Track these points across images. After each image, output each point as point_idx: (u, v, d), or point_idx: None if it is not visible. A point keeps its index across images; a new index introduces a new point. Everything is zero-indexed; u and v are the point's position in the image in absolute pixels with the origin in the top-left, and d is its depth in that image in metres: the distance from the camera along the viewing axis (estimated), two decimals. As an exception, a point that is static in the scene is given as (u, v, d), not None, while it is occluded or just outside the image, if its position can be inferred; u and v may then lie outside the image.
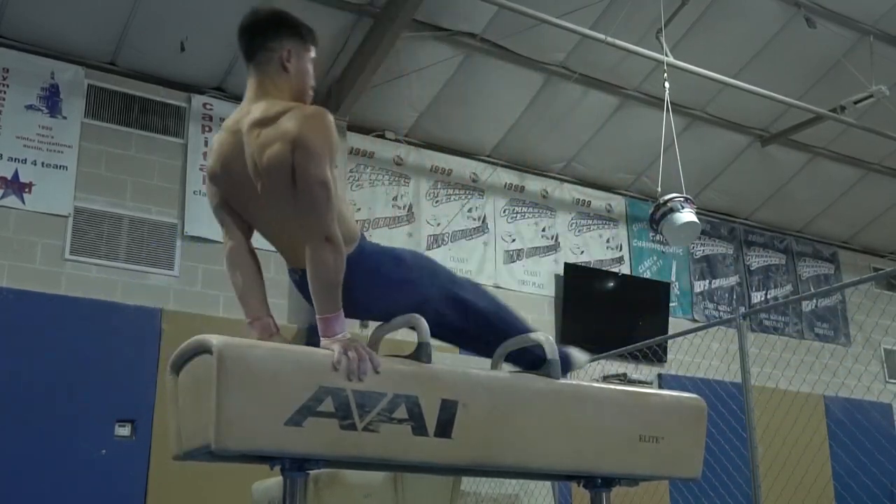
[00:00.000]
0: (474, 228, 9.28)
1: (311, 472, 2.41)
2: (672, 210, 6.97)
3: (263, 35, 2.72)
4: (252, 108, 2.66)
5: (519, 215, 9.60)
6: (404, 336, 3.65)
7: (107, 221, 7.48)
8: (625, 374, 9.12)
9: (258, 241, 2.94)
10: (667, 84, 7.53)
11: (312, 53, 2.82)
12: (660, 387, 9.22)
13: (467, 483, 6.55)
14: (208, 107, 8.16)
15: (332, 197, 2.50)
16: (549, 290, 9.44)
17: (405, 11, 7.55)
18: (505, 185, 9.57)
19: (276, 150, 2.53)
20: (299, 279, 2.71)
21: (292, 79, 2.72)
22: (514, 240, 9.47)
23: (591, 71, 8.83)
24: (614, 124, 9.53)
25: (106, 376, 6.90)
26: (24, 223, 7.15)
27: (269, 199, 2.63)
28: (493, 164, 9.39)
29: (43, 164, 7.31)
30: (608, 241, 10.10)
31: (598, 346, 8.34)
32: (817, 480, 6.75)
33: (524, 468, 2.73)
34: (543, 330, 3.02)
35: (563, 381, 2.77)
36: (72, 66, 7.62)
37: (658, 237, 9.05)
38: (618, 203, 10.28)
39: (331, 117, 2.59)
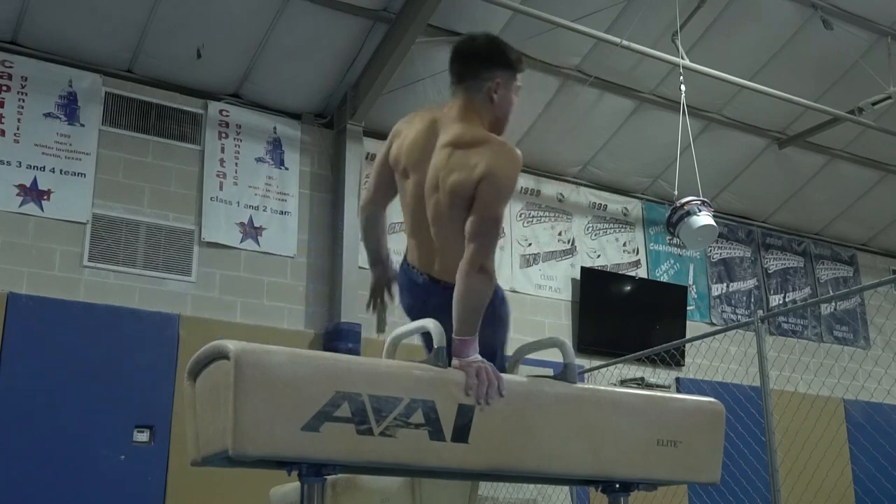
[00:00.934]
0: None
1: (328, 477, 2.41)
2: (689, 213, 6.95)
3: (478, 63, 2.86)
4: (450, 127, 2.82)
5: (535, 219, 9.59)
6: (420, 341, 3.64)
7: (124, 228, 7.52)
8: (642, 378, 9.09)
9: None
10: (683, 87, 7.51)
11: (519, 82, 2.91)
12: (677, 391, 9.19)
13: (485, 487, 6.53)
14: (224, 113, 8.19)
15: (498, 233, 2.68)
16: (566, 294, 9.42)
17: (420, 17, 7.56)
18: (521, 190, 9.55)
19: (463, 177, 2.66)
20: (423, 282, 2.86)
21: (495, 109, 2.85)
22: (530, 244, 9.46)
23: (607, 74, 8.81)
24: (630, 128, 9.51)
25: (124, 382, 6.94)
26: (42, 230, 7.19)
27: (434, 209, 2.76)
28: (508, 168, 9.37)
29: (61, 171, 7.36)
30: (625, 244, 10.07)
31: (615, 350, 8.34)
32: (837, 485, 6.71)
33: (542, 473, 2.72)
34: (560, 334, 3.01)
35: (580, 385, 2.77)
36: (89, 73, 7.67)
37: (675, 240, 9.01)
38: (634, 206, 10.25)
39: (520, 159, 2.71)
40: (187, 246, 7.73)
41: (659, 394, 3.12)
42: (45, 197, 7.26)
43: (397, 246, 9.02)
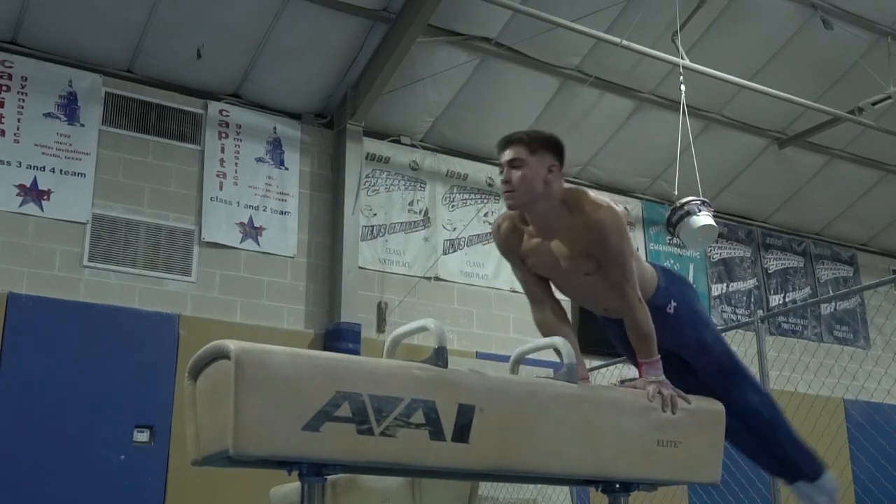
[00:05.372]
0: (490, 233, 9.26)
1: (328, 476, 2.41)
2: (689, 213, 6.94)
3: None
4: None
5: (535, 219, 9.58)
6: (421, 341, 3.65)
7: (124, 228, 7.52)
8: (642, 379, 9.07)
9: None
10: (683, 87, 7.50)
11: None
12: (678, 391, 9.16)
13: (485, 487, 6.54)
14: (224, 113, 8.19)
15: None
16: (566, 294, 9.40)
17: (420, 17, 7.56)
18: (521, 190, 9.54)
19: None
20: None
21: None
22: (530, 244, 9.44)
23: (607, 74, 8.81)
24: (630, 128, 9.51)
25: (124, 382, 6.93)
26: (42, 230, 7.19)
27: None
28: (508, 168, 9.36)
29: (61, 171, 7.36)
30: (625, 244, 10.04)
31: (615, 350, 8.33)
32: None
33: (542, 473, 2.72)
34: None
35: (580, 385, 2.77)
36: (89, 73, 7.66)
37: (675, 240, 9.00)
38: (634, 206, 10.24)
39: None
40: (187, 246, 7.72)
41: (659, 394, 3.12)
42: (45, 197, 7.26)
43: (396, 245, 9.00)
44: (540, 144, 3.02)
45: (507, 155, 3.00)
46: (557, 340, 2.86)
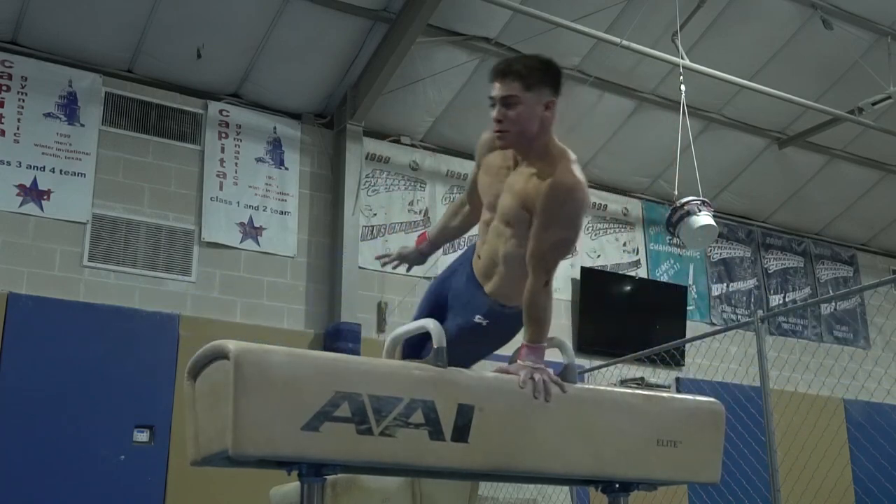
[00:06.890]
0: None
1: (328, 477, 2.41)
2: (689, 213, 6.94)
3: None
4: None
5: (535, 219, 9.58)
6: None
7: (124, 228, 7.52)
8: (642, 378, 9.09)
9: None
10: (683, 87, 7.51)
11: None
12: (678, 391, 9.18)
13: (485, 487, 6.54)
14: (224, 113, 8.19)
15: None
16: (566, 294, 9.41)
17: (420, 17, 7.57)
18: (521, 190, 9.54)
19: None
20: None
21: None
22: (530, 244, 9.44)
23: (607, 74, 8.81)
24: (630, 128, 9.51)
25: (124, 382, 6.94)
26: (42, 230, 7.19)
27: None
28: (508, 168, 9.37)
29: (61, 171, 7.36)
30: (625, 244, 10.07)
31: (615, 350, 8.34)
32: (837, 485, 6.71)
33: (541, 473, 2.72)
34: (560, 334, 3.01)
35: (580, 385, 2.77)
36: (89, 73, 7.67)
37: (675, 240, 9.01)
38: (634, 206, 10.25)
39: None
40: (187, 246, 7.73)
41: (659, 394, 3.12)
42: (45, 197, 7.26)
43: (397, 245, 9.03)
44: (537, 79, 2.89)
45: (499, 91, 2.92)
46: (558, 340, 2.86)
